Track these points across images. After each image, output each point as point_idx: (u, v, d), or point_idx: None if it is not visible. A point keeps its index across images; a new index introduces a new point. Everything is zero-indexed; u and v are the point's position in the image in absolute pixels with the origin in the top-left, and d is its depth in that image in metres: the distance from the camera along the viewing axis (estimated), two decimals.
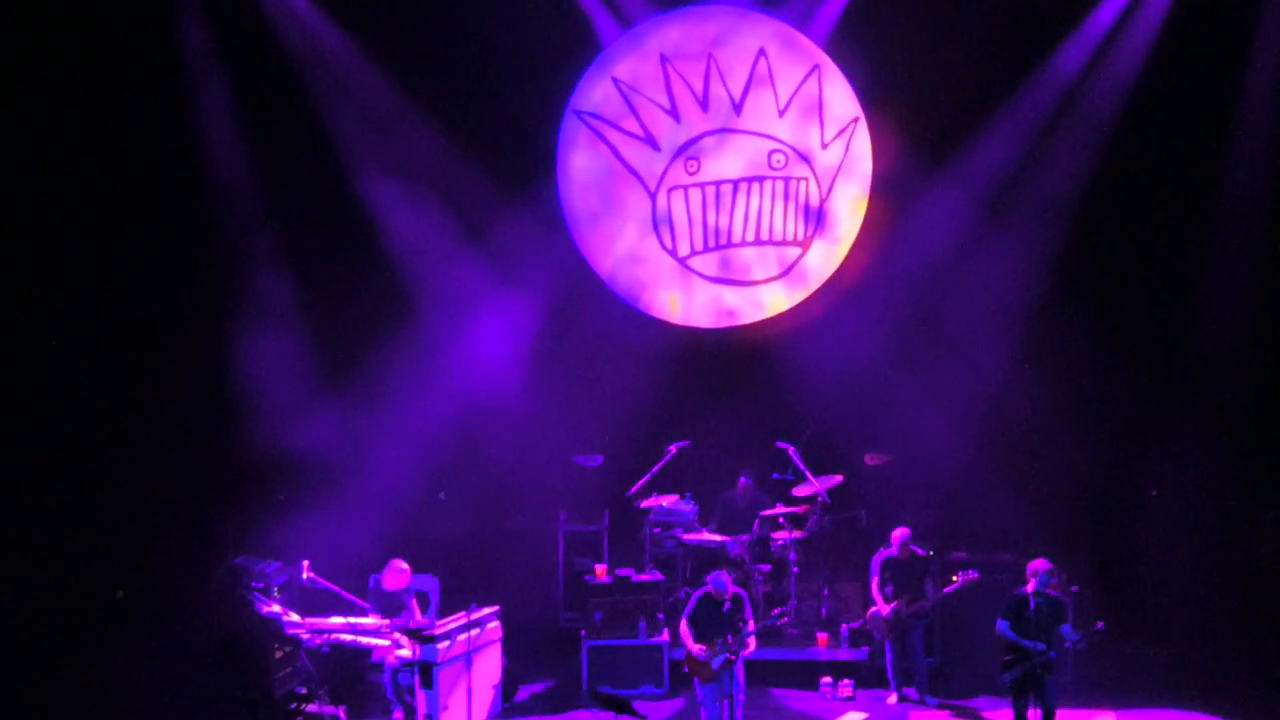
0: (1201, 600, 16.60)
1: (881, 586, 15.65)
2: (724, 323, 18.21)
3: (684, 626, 14.65)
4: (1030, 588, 14.09)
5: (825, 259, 18.09)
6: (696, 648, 14.39)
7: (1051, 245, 17.39)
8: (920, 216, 17.67)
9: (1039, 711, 13.95)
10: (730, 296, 18.19)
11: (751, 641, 14.44)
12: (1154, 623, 16.65)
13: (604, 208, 18.19)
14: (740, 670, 14.29)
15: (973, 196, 17.55)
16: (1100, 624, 14.10)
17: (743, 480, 17.23)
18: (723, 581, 14.66)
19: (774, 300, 18.17)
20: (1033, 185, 17.49)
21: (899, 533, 15.62)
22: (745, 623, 14.47)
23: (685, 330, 18.17)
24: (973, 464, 17.12)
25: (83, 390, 16.61)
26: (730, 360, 17.99)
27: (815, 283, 18.10)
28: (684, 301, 18.19)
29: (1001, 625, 14.06)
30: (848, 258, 18.01)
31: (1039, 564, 14.19)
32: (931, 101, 17.40)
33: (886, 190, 17.87)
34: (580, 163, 18.16)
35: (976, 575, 15.29)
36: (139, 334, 16.80)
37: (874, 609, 15.68)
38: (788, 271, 18.16)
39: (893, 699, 15.68)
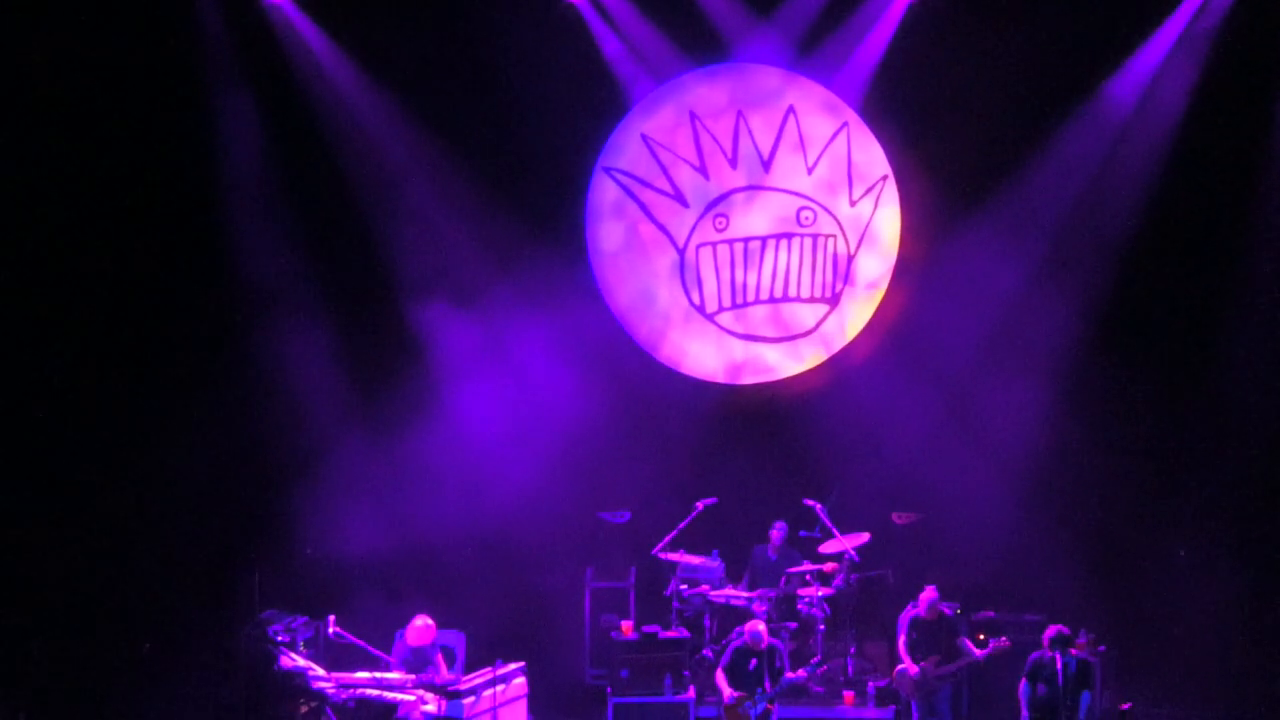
0: (1230, 663, 16.45)
1: (910, 647, 15.59)
2: (752, 379, 18.18)
3: (720, 676, 14.93)
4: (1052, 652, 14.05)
5: (854, 315, 18.07)
6: (730, 693, 14.67)
7: (1082, 299, 17.33)
8: (949, 272, 17.61)
9: None
10: (758, 353, 18.18)
11: (801, 672, 14.78)
12: (1181, 685, 16.50)
13: (632, 263, 18.21)
14: None
15: (1003, 250, 17.45)
16: (1128, 705, 14.00)
17: (777, 528, 17.10)
18: (758, 633, 14.98)
19: (802, 356, 18.14)
20: (1065, 237, 17.44)
21: (927, 593, 15.54)
22: (782, 671, 14.68)
23: (712, 386, 18.13)
24: (1002, 523, 17.05)
25: (110, 442, 16.68)
26: (758, 417, 17.95)
27: (844, 339, 18.08)
28: (713, 357, 18.19)
29: (1023, 687, 14.00)
30: (876, 313, 17.99)
31: (1050, 631, 14.18)
32: (962, 155, 17.40)
33: (915, 245, 17.85)
34: (609, 219, 18.19)
35: (1007, 643, 15.19)
36: (163, 386, 16.89)
37: (901, 668, 15.61)
38: (816, 328, 18.14)
39: None
